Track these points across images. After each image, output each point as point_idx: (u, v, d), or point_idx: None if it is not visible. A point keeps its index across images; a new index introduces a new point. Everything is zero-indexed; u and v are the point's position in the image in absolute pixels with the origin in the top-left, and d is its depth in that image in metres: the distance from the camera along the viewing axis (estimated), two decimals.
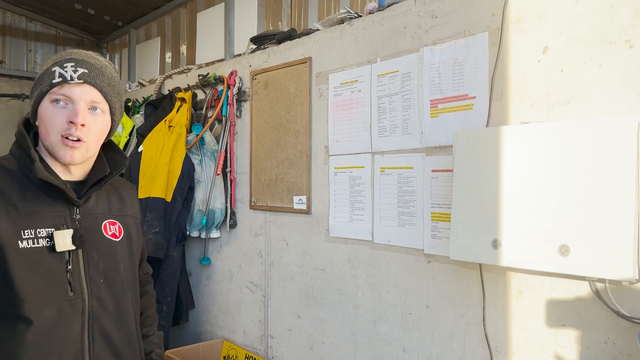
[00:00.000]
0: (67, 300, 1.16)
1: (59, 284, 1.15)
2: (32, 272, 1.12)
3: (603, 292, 1.38)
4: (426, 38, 1.88)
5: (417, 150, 1.90)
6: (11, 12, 4.66)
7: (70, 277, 1.17)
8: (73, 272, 1.18)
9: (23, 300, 1.10)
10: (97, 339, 1.21)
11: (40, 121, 1.20)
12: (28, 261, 1.11)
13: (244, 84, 2.75)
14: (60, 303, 1.15)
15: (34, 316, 1.11)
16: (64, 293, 1.15)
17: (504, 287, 1.63)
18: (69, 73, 1.18)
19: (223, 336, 2.84)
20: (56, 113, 1.18)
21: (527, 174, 1.39)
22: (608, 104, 1.40)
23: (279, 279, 2.50)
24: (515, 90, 1.62)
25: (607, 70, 1.41)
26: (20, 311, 1.10)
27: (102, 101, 1.23)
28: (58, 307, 1.14)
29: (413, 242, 1.90)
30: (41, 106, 1.19)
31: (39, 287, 1.12)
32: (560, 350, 1.50)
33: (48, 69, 1.21)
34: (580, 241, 1.24)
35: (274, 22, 3.25)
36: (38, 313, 1.12)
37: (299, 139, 2.38)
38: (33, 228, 1.14)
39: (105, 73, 1.25)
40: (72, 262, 1.19)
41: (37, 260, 1.13)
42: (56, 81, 1.18)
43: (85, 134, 1.20)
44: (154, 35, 4.48)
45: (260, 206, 2.61)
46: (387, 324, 1.99)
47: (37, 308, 1.12)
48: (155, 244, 2.68)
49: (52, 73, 1.19)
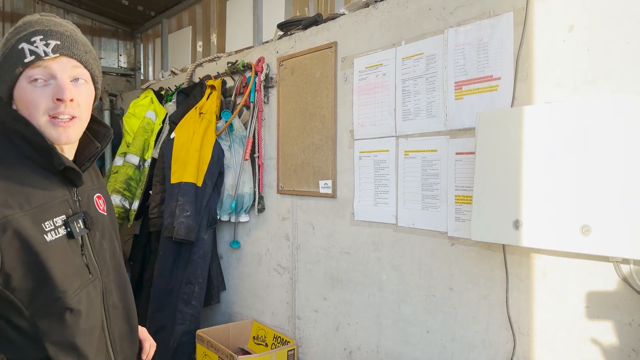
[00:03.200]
0: (90, 282, 1.16)
1: (81, 268, 1.15)
2: (64, 263, 1.10)
3: (628, 274, 1.36)
4: (451, 19, 1.87)
5: (441, 133, 1.90)
6: (49, 5, 4.82)
7: (86, 260, 1.17)
8: (87, 255, 1.17)
9: (64, 292, 1.08)
10: (111, 312, 1.23)
11: (21, 104, 1.11)
12: (58, 253, 1.09)
13: (271, 71, 2.79)
14: (87, 286, 1.15)
15: (76, 304, 1.11)
16: (86, 276, 1.15)
17: (527, 269, 1.62)
18: (40, 48, 1.08)
19: (252, 317, 2.92)
20: (38, 93, 1.09)
21: (548, 154, 1.37)
22: (635, 82, 1.37)
23: (306, 262, 2.54)
24: (540, 71, 1.59)
25: (635, 48, 1.37)
26: (64, 303, 1.09)
27: (83, 70, 1.14)
28: (87, 291, 1.14)
29: (437, 225, 1.91)
30: (18, 88, 1.10)
31: (71, 275, 1.11)
32: (584, 332, 1.48)
33: (13, 47, 1.09)
34: (602, 221, 1.23)
35: (301, 8, 3.27)
36: (77, 300, 1.11)
37: (324, 123, 2.40)
38: (49, 219, 1.09)
39: (78, 39, 1.15)
40: (84, 245, 1.18)
41: (64, 250, 1.11)
42: (28, 60, 1.07)
43: (76, 109, 1.12)
44: (186, 25, 4.56)
45: (287, 191, 2.65)
46: (411, 305, 2.01)
47: (76, 296, 1.11)
48: (187, 227, 2.77)
49: (20, 51, 1.08)
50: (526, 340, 1.63)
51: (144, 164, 3.59)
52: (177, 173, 2.95)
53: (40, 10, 4.79)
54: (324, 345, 2.43)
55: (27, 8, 4.72)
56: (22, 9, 4.70)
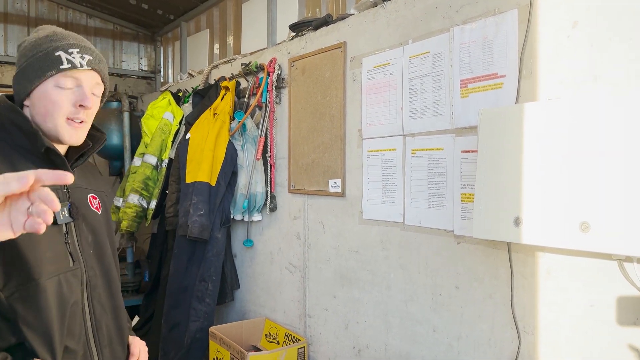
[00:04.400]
0: (70, 270, 1.21)
1: (62, 255, 1.21)
2: (42, 246, 1.16)
3: (632, 272, 1.34)
4: (457, 17, 1.87)
5: (447, 131, 1.90)
6: (73, 10, 4.96)
7: (69, 248, 1.23)
8: (70, 244, 1.23)
9: (39, 273, 1.14)
10: (97, 307, 1.28)
11: (39, 102, 1.23)
12: (35, 235, 1.11)
13: (283, 71, 2.82)
14: (65, 273, 1.20)
15: (51, 288, 1.16)
16: (67, 263, 1.21)
17: (532, 267, 1.61)
18: (77, 60, 1.24)
19: (265, 315, 2.95)
20: (62, 97, 1.23)
21: (548, 151, 1.37)
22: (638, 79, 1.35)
23: (316, 261, 2.56)
24: (544, 68, 1.58)
25: (638, 45, 1.36)
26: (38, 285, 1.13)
27: (102, 87, 1.33)
28: (65, 277, 1.20)
29: (443, 224, 1.91)
30: (42, 88, 1.23)
31: (48, 259, 1.17)
32: (588, 331, 1.47)
33: (48, 52, 1.24)
34: (600, 218, 1.22)
35: (313, 9, 3.30)
36: (53, 284, 1.16)
37: (333, 123, 2.42)
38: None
39: (103, 60, 1.33)
40: (68, 234, 1.24)
41: (44, 234, 1.13)
42: (65, 67, 1.23)
43: (87, 116, 1.28)
44: (203, 28, 4.64)
45: (298, 190, 2.68)
46: (418, 304, 2.01)
47: (50, 279, 1.16)
48: (200, 226, 2.82)
49: (57, 58, 1.23)
50: (531, 339, 1.62)
51: (161, 164, 3.66)
52: (192, 173, 3.00)
53: (64, 15, 4.94)
54: (334, 344, 2.45)
55: (51, 13, 4.87)
56: (46, 14, 4.85)
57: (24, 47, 1.28)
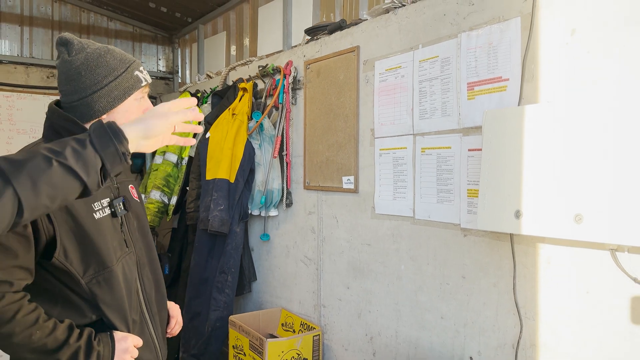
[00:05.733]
0: (127, 254, 1.41)
1: (121, 242, 1.40)
2: (109, 237, 1.35)
3: (623, 260, 1.46)
4: (464, 24, 1.99)
5: (455, 131, 2.02)
6: (94, 13, 5.15)
7: (124, 236, 1.42)
8: (125, 232, 1.43)
9: (111, 260, 1.33)
10: (146, 283, 1.48)
11: (123, 115, 1.38)
12: (105, 228, 1.34)
13: (299, 73, 2.96)
14: (125, 257, 1.40)
15: (120, 271, 1.36)
16: (125, 249, 1.41)
17: (533, 257, 1.73)
18: (147, 77, 1.45)
19: (281, 305, 3.10)
20: (139, 107, 1.42)
21: (546, 149, 1.49)
22: (632, 82, 1.47)
23: (330, 253, 2.70)
24: (545, 72, 1.70)
25: (631, 50, 1.47)
26: (111, 270, 1.33)
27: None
28: (126, 261, 1.40)
29: (451, 217, 2.03)
30: (125, 103, 1.39)
31: (115, 247, 1.36)
32: (584, 317, 1.59)
33: (127, 72, 1.40)
34: (592, 210, 1.34)
35: (328, 13, 3.43)
36: (120, 268, 1.37)
37: (347, 123, 2.56)
38: (98, 200, 1.35)
39: None
40: (123, 224, 1.43)
41: (108, 226, 1.36)
42: (144, 84, 1.43)
43: None
44: (220, 30, 4.79)
45: (313, 186, 2.82)
46: (427, 293, 2.14)
47: (119, 263, 1.37)
48: (220, 220, 2.97)
49: (136, 77, 1.41)
50: (532, 325, 1.74)
51: (181, 162, 3.83)
52: (212, 170, 3.16)
53: (86, 18, 5.12)
54: (347, 332, 2.59)
55: (74, 16, 5.06)
56: (69, 17, 5.03)
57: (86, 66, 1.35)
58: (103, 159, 1.03)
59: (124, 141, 1.07)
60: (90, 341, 1.26)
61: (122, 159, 1.07)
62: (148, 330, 1.47)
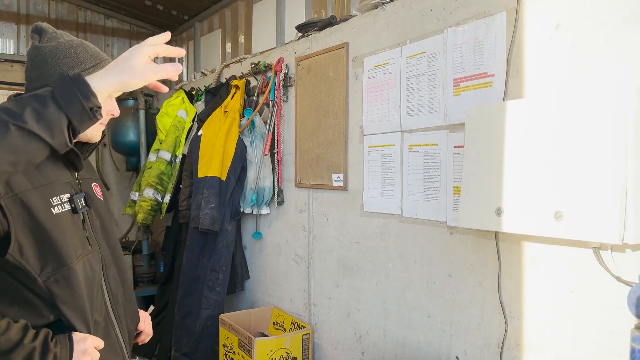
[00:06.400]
0: (90, 252, 1.35)
1: (83, 240, 1.33)
2: (69, 233, 1.28)
3: (606, 259, 1.43)
4: (450, 19, 1.96)
5: (441, 127, 2.00)
6: (91, 11, 5.14)
7: (87, 234, 1.35)
8: (87, 229, 1.36)
9: (69, 257, 1.26)
10: (112, 283, 1.43)
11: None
12: (63, 224, 1.27)
13: (290, 70, 2.94)
14: (87, 255, 1.33)
15: (80, 269, 1.29)
16: (87, 247, 1.34)
17: (518, 255, 1.71)
18: None
19: (273, 304, 3.08)
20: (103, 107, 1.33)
21: (526, 145, 1.46)
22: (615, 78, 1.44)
23: (320, 251, 2.68)
24: (529, 67, 1.67)
25: (614, 44, 1.44)
26: (70, 268, 1.26)
27: None
28: (88, 259, 1.33)
29: (437, 215, 2.01)
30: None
31: (75, 244, 1.29)
32: (569, 315, 1.56)
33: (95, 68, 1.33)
34: (572, 207, 1.32)
35: (319, 10, 3.40)
36: (81, 266, 1.30)
37: (337, 120, 2.54)
38: (57, 195, 1.28)
39: None
40: (85, 221, 1.36)
41: (68, 222, 1.29)
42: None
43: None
44: (216, 28, 4.77)
45: (304, 184, 2.80)
46: (414, 292, 2.12)
47: (79, 261, 1.29)
48: (211, 218, 2.96)
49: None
50: (517, 324, 1.72)
51: (175, 159, 3.82)
52: (204, 168, 3.14)
53: (83, 16, 5.11)
54: (337, 331, 2.57)
55: (70, 14, 5.05)
56: (66, 15, 5.03)
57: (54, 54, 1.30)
58: (69, 116, 0.96)
59: (91, 95, 0.99)
60: (46, 342, 1.21)
61: (90, 115, 0.99)
62: (114, 333, 1.42)
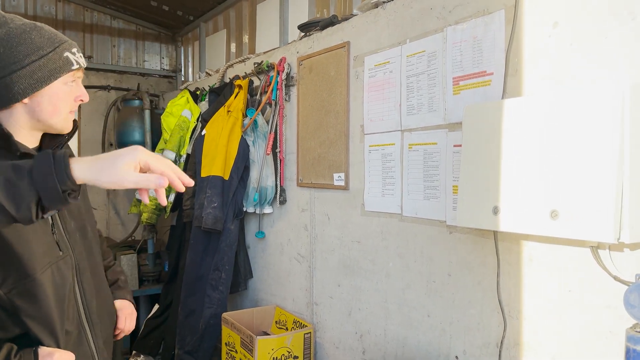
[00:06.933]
0: (61, 259, 1.27)
1: (51, 245, 1.26)
2: (33, 242, 1.20)
3: (605, 258, 1.42)
4: (450, 18, 1.96)
5: (440, 126, 1.99)
6: (97, 12, 5.18)
7: (57, 238, 1.28)
8: (57, 234, 1.29)
9: (33, 269, 1.18)
10: (86, 288, 1.35)
11: (48, 100, 1.27)
12: (25, 232, 1.18)
13: (292, 70, 2.94)
14: (57, 263, 1.26)
15: (46, 280, 1.21)
16: (57, 253, 1.26)
17: (516, 255, 1.70)
18: (80, 60, 1.32)
19: (275, 303, 3.09)
20: (69, 93, 1.30)
21: (523, 144, 1.45)
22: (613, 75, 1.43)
23: (322, 251, 2.68)
24: (528, 65, 1.67)
25: (612, 42, 1.43)
26: (34, 280, 1.19)
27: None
28: (57, 267, 1.26)
29: (437, 214, 2.00)
30: (51, 87, 1.26)
31: (40, 253, 1.21)
32: (567, 315, 1.55)
33: (56, 53, 1.26)
34: (568, 205, 1.31)
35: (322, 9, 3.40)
36: (47, 276, 1.22)
37: (338, 119, 2.54)
38: None
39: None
40: (54, 225, 1.28)
41: (32, 229, 1.20)
42: (75, 67, 1.30)
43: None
44: (221, 28, 4.79)
45: (306, 183, 2.80)
46: (414, 291, 2.11)
47: (45, 272, 1.21)
48: (214, 218, 2.97)
49: (66, 59, 1.28)
50: (516, 324, 1.71)
51: (179, 159, 3.84)
52: (207, 167, 3.16)
53: (89, 16, 5.15)
54: (338, 330, 2.57)
55: (77, 15, 5.09)
56: (72, 16, 5.07)
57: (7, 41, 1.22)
58: (40, 194, 0.95)
59: (67, 179, 0.96)
60: (8, 358, 1.15)
61: (61, 198, 0.96)
62: (87, 341, 1.36)
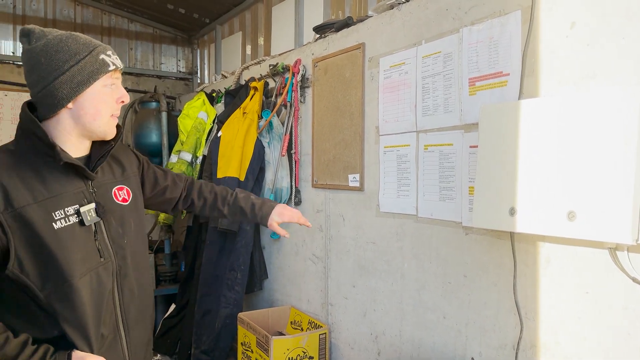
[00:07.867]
0: (101, 265, 1.31)
1: (92, 252, 1.30)
2: (72, 249, 1.24)
3: (623, 259, 1.41)
4: (466, 19, 1.96)
5: (456, 127, 1.99)
6: (115, 15, 5.26)
7: (98, 245, 1.32)
8: (100, 240, 1.32)
9: (71, 274, 1.23)
10: (126, 294, 1.39)
11: (90, 103, 1.29)
12: (65, 239, 1.23)
13: (307, 71, 2.96)
14: (97, 268, 1.30)
15: (83, 286, 1.26)
16: (96, 259, 1.31)
17: (533, 256, 1.69)
18: (116, 62, 1.34)
19: (290, 303, 3.10)
20: (109, 94, 1.32)
21: (540, 145, 1.45)
22: (630, 76, 1.41)
23: (337, 252, 2.69)
24: (544, 66, 1.66)
25: (630, 43, 1.42)
26: (71, 285, 1.23)
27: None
28: (97, 272, 1.30)
29: (453, 215, 2.00)
30: (92, 89, 1.29)
31: (78, 259, 1.25)
32: (584, 316, 1.54)
33: (92, 56, 1.29)
34: (585, 207, 1.30)
35: (337, 11, 3.42)
36: (85, 282, 1.26)
37: (353, 120, 2.54)
38: (61, 208, 1.24)
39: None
40: (97, 232, 1.33)
41: (72, 237, 1.25)
42: (111, 68, 1.32)
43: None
44: (236, 30, 4.83)
45: (321, 184, 2.81)
46: (430, 292, 2.11)
47: (82, 277, 1.26)
48: None
49: (102, 61, 1.30)
50: (532, 325, 1.70)
51: (196, 160, 3.88)
52: (223, 168, 3.19)
53: (107, 20, 5.24)
54: (353, 331, 2.58)
55: (95, 19, 5.18)
56: (90, 19, 5.16)
57: (46, 52, 1.26)
58: None
59: None
60: (44, 358, 1.19)
61: None
62: (120, 346, 1.39)
